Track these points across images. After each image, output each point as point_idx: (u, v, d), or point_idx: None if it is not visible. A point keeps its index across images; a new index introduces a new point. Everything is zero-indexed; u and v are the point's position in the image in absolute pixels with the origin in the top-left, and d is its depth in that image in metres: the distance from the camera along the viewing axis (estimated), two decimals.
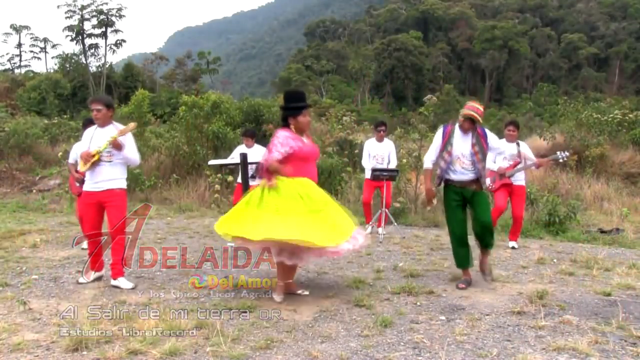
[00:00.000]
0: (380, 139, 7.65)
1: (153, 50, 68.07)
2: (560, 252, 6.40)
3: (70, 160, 6.31)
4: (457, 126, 4.69)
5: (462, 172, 4.66)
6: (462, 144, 4.64)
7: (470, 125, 4.61)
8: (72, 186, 6.44)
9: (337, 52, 71.70)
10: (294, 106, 4.26)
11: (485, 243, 4.82)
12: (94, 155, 4.54)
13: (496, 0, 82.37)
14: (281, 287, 4.31)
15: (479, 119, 4.56)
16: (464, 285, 4.65)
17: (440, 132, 4.78)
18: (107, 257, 5.68)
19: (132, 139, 4.76)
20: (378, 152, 7.58)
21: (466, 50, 71.53)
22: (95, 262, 4.80)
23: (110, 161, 4.60)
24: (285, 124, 4.28)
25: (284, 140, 4.13)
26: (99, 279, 4.80)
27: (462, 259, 4.76)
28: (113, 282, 4.66)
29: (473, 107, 4.60)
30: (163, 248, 6.18)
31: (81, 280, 4.73)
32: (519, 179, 6.61)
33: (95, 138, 4.65)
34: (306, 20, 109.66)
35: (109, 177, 4.60)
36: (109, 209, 4.63)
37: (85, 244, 6.16)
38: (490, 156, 6.46)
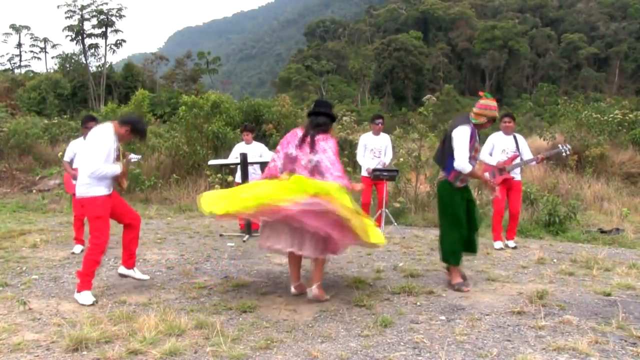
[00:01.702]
0: (377, 132, 7.60)
1: (153, 50, 68.17)
2: (560, 252, 6.39)
3: (66, 158, 6.18)
4: (478, 124, 4.62)
5: (472, 165, 4.72)
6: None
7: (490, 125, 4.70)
8: (68, 185, 6.32)
9: (337, 52, 71.77)
10: (335, 116, 4.63)
11: (475, 247, 4.82)
12: None
13: (496, 0, 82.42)
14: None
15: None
16: (469, 288, 4.57)
17: (468, 133, 4.50)
18: (107, 257, 5.70)
19: None
20: (375, 146, 7.53)
21: (466, 50, 71.58)
22: (92, 279, 4.36)
23: None
24: (326, 130, 4.36)
25: (336, 148, 4.29)
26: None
27: (460, 256, 4.68)
28: (125, 272, 4.63)
29: (496, 107, 4.59)
30: (163, 248, 6.20)
31: (89, 302, 4.16)
32: (516, 174, 6.48)
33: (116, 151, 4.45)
34: (306, 20, 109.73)
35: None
36: (120, 203, 4.51)
37: (77, 249, 6.04)
38: (486, 150, 6.44)
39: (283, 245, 4.15)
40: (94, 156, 4.13)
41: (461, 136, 4.49)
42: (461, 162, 4.45)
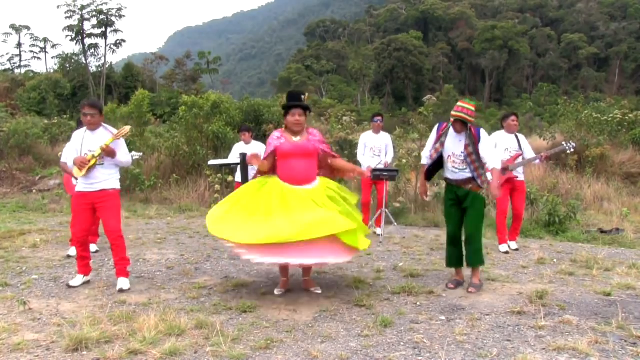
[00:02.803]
0: (376, 131, 7.57)
1: (153, 50, 68.05)
2: (560, 252, 6.39)
3: (63, 159, 6.19)
4: (450, 125, 4.60)
5: (453, 171, 4.61)
6: (453, 143, 4.57)
7: (462, 126, 4.51)
8: (68, 185, 6.35)
9: (337, 52, 71.74)
10: (285, 105, 4.49)
11: (468, 258, 4.65)
12: (89, 161, 4.45)
13: (496, 0, 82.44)
14: (283, 282, 4.50)
15: (470, 119, 4.44)
16: (452, 286, 4.63)
17: (435, 129, 4.77)
18: (107, 257, 5.70)
19: (123, 141, 4.69)
20: (375, 144, 7.49)
21: (466, 50, 71.58)
22: (83, 265, 4.67)
23: (102, 164, 4.53)
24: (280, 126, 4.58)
25: (269, 141, 4.42)
26: (87, 283, 4.70)
27: (451, 258, 4.75)
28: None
29: (462, 109, 4.45)
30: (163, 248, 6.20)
31: (72, 283, 4.62)
32: (519, 174, 6.40)
33: (86, 142, 4.53)
34: (306, 20, 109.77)
35: (102, 178, 4.53)
36: (101, 210, 4.53)
37: (72, 252, 5.98)
38: None
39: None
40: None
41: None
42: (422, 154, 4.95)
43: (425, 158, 4.84)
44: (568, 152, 6.48)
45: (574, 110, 14.20)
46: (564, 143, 6.50)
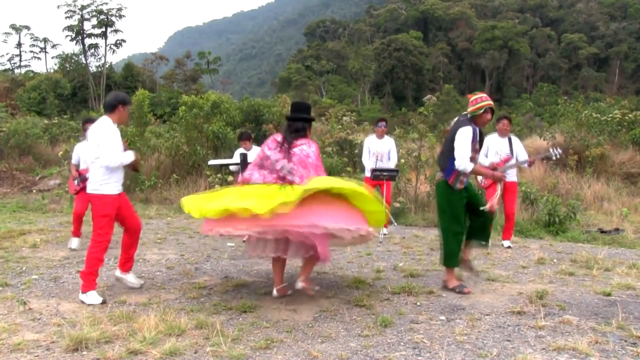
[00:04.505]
0: (380, 136, 7.59)
1: (153, 50, 68.01)
2: (560, 252, 6.40)
3: (73, 161, 6.38)
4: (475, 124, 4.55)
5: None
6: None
7: (492, 116, 4.55)
8: (71, 185, 6.50)
9: (337, 52, 71.74)
10: (311, 118, 4.46)
11: (487, 234, 4.77)
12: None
13: (496, 0, 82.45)
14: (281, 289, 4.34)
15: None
16: (469, 289, 4.52)
17: (470, 131, 4.41)
18: (107, 257, 5.70)
19: None
20: (378, 149, 7.50)
21: (466, 50, 71.59)
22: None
23: None
24: (304, 135, 4.28)
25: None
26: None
27: (457, 258, 4.63)
28: (120, 275, 4.64)
29: (486, 97, 4.54)
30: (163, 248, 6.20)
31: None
32: (511, 175, 6.46)
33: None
34: (306, 20, 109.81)
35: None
36: (126, 208, 4.51)
37: (74, 244, 6.20)
38: (481, 151, 6.42)
39: (269, 252, 4.22)
40: (110, 148, 4.18)
41: (463, 136, 4.40)
42: (462, 161, 4.36)
43: (471, 162, 4.44)
44: (554, 158, 6.53)
45: (574, 110, 14.22)
46: (550, 149, 6.56)
